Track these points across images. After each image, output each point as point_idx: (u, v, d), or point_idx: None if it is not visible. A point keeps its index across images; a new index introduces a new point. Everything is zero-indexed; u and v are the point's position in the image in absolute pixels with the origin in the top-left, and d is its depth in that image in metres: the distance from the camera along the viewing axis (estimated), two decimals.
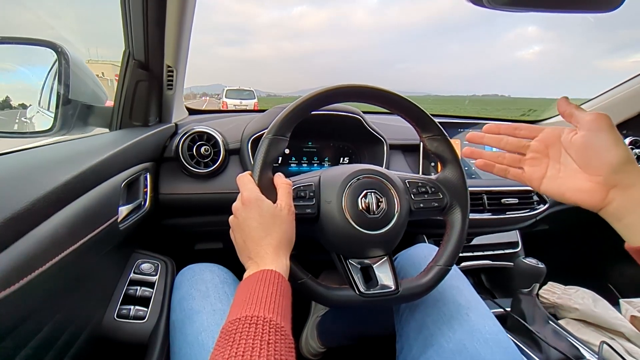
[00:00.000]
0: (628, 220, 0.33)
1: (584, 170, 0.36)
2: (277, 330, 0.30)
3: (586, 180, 0.35)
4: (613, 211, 0.34)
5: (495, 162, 0.44)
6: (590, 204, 0.35)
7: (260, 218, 0.40)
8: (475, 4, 0.35)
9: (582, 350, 0.68)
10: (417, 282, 0.47)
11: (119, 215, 0.51)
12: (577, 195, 0.36)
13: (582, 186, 0.35)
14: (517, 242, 0.99)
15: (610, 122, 0.34)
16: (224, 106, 9.42)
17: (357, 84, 0.48)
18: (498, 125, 0.44)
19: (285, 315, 0.33)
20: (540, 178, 0.40)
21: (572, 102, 0.37)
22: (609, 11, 0.33)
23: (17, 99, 0.76)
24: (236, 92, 10.59)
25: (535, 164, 0.41)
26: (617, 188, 0.33)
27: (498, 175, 0.44)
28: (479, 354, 0.43)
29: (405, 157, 0.87)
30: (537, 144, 0.40)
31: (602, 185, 0.34)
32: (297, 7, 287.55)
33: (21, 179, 0.36)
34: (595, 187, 0.34)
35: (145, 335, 0.56)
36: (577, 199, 0.36)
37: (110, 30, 0.88)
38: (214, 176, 0.73)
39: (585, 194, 0.35)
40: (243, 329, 0.30)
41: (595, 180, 0.34)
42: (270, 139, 0.45)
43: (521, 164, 0.42)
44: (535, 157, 0.41)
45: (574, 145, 0.36)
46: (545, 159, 0.40)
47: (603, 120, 0.34)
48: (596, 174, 0.34)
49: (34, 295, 0.33)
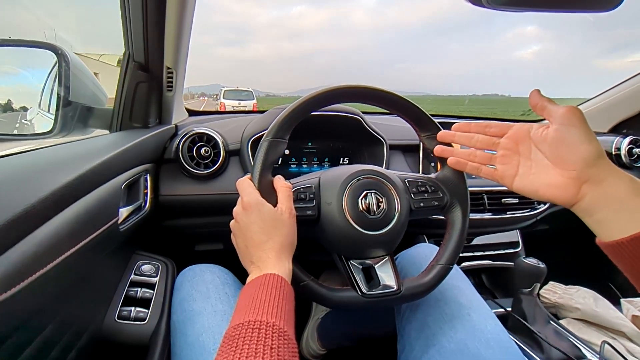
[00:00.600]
0: (599, 215, 0.33)
1: (556, 165, 0.35)
2: (281, 335, 0.30)
3: (558, 176, 0.35)
4: (585, 206, 0.34)
5: (467, 160, 0.44)
6: (563, 200, 0.35)
7: (261, 222, 0.40)
8: (474, 4, 0.35)
9: (584, 350, 0.67)
10: (419, 281, 0.47)
11: (119, 216, 0.51)
12: (550, 191, 0.36)
13: (555, 181, 0.35)
14: (518, 242, 0.99)
15: (582, 117, 0.34)
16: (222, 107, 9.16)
17: (355, 84, 0.48)
18: (468, 124, 0.44)
19: (288, 319, 0.33)
20: (512, 176, 0.40)
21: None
22: (607, 11, 0.33)
23: (18, 102, 0.76)
24: (234, 92, 10.29)
25: (506, 162, 0.40)
26: (589, 183, 0.33)
27: (471, 174, 0.44)
28: (480, 354, 0.43)
29: (405, 157, 0.87)
30: (507, 141, 0.40)
31: (574, 180, 0.34)
32: (296, 6, 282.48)
33: (22, 181, 0.36)
34: (567, 182, 0.34)
35: (146, 336, 0.56)
36: (550, 195, 0.36)
37: (109, 31, 0.88)
38: (214, 177, 0.73)
39: (557, 190, 0.35)
40: (246, 334, 0.30)
41: (567, 175, 0.34)
42: (269, 142, 0.44)
43: (493, 162, 0.42)
44: (506, 155, 0.40)
45: (546, 139, 0.36)
46: (515, 156, 0.40)
47: (576, 114, 0.34)
48: (569, 168, 0.34)
49: (34, 298, 0.33)
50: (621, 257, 0.32)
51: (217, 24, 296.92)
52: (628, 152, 1.02)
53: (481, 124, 0.43)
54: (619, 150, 1.03)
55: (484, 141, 0.42)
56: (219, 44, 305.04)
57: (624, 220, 0.31)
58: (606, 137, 1.09)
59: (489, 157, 0.42)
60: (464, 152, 0.44)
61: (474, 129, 0.43)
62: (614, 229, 0.32)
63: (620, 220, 0.31)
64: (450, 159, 0.46)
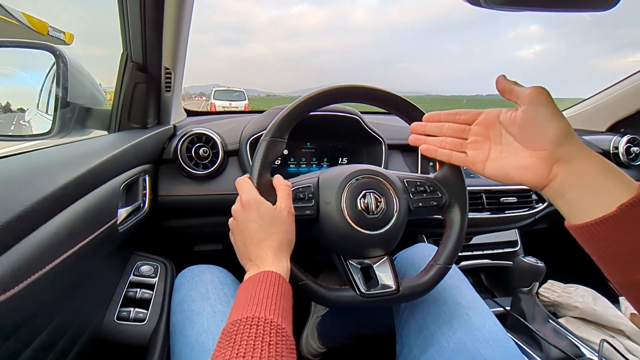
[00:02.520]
0: (570, 195, 0.33)
1: (526, 147, 0.35)
2: (278, 332, 0.31)
3: (529, 157, 0.35)
4: (557, 187, 0.34)
5: (438, 146, 0.44)
6: (535, 182, 0.35)
7: (260, 220, 0.40)
8: (472, 4, 0.35)
9: (583, 349, 0.68)
10: (417, 281, 0.47)
11: (118, 217, 0.51)
12: (521, 173, 0.36)
13: (526, 163, 0.35)
14: (517, 241, 0.99)
15: (549, 96, 0.34)
16: (212, 108, 8.86)
17: (353, 84, 0.48)
18: (438, 113, 0.45)
19: (286, 316, 0.33)
20: (483, 161, 0.40)
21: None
22: (604, 10, 0.33)
23: (16, 103, 0.76)
24: (225, 93, 9.86)
25: (477, 147, 0.41)
26: (560, 162, 0.33)
27: (442, 160, 0.45)
28: (479, 353, 0.43)
29: (404, 157, 0.88)
30: (477, 127, 0.41)
31: (545, 160, 0.34)
32: (296, 6, 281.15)
33: (20, 182, 0.36)
34: (538, 162, 0.34)
35: (146, 337, 0.55)
36: (522, 178, 0.36)
37: (107, 30, 0.88)
38: (213, 177, 0.73)
39: (529, 172, 0.35)
40: (244, 330, 0.30)
41: (538, 156, 0.34)
42: (268, 142, 0.45)
43: (464, 148, 0.42)
44: (476, 141, 0.41)
45: (515, 121, 0.36)
46: (486, 141, 0.40)
47: (542, 94, 0.34)
48: (539, 148, 0.34)
49: (33, 299, 0.33)
50: (589, 241, 0.31)
51: (216, 23, 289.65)
52: (626, 151, 1.03)
53: (450, 112, 0.43)
54: (616, 149, 1.03)
55: (454, 129, 0.43)
56: (218, 43, 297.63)
57: (593, 202, 0.31)
58: (604, 136, 1.09)
59: (460, 143, 0.43)
60: (435, 140, 0.45)
61: (443, 118, 0.44)
62: (583, 210, 0.31)
63: (589, 201, 0.31)
64: (422, 146, 0.46)
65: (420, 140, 0.46)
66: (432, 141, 0.45)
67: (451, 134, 0.43)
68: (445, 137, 0.44)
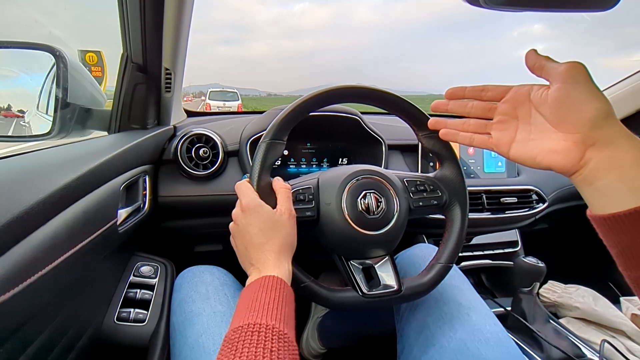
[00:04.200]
0: (600, 183, 0.29)
1: (558, 129, 0.32)
2: (280, 338, 0.30)
3: (560, 140, 0.31)
4: (587, 174, 0.30)
5: (460, 130, 0.41)
6: (565, 167, 0.31)
7: (260, 224, 0.40)
8: (471, 4, 0.35)
9: (583, 349, 0.68)
10: (419, 280, 0.47)
11: (118, 218, 0.51)
12: (551, 157, 0.32)
13: (556, 147, 0.32)
14: (517, 241, 0.99)
15: (586, 72, 0.30)
16: (207, 108, 9.74)
17: (352, 84, 0.48)
18: (462, 88, 0.39)
19: (288, 321, 0.33)
20: (508, 143, 0.36)
21: None
22: (604, 10, 0.33)
23: (17, 105, 0.76)
24: (220, 93, 10.84)
25: (503, 128, 0.36)
26: (596, 146, 0.29)
27: (463, 144, 0.41)
28: (480, 353, 0.43)
29: (404, 157, 0.88)
30: (504, 105, 0.36)
31: (579, 144, 0.30)
32: (299, 4, 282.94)
33: (20, 183, 0.36)
34: (570, 146, 0.31)
35: (146, 338, 0.55)
36: (551, 162, 0.32)
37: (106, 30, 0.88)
38: (213, 178, 0.73)
39: (559, 156, 0.31)
40: (246, 337, 0.30)
41: (571, 139, 0.31)
42: (267, 143, 0.44)
43: (488, 130, 0.38)
44: (503, 120, 0.37)
45: (547, 100, 0.32)
46: (514, 120, 0.36)
47: (579, 70, 0.30)
48: (573, 131, 0.30)
49: (33, 299, 0.33)
50: (613, 233, 0.29)
51: (217, 22, 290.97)
52: None
53: (476, 87, 0.38)
54: None
55: (479, 107, 0.38)
56: (218, 42, 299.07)
57: (626, 191, 0.28)
58: None
59: (484, 124, 0.38)
60: (457, 122, 0.41)
61: (468, 94, 0.39)
62: (613, 200, 0.28)
63: (622, 190, 0.28)
64: (441, 131, 0.42)
65: (440, 123, 0.42)
66: (453, 124, 0.41)
67: (475, 114, 0.39)
68: (469, 117, 0.40)
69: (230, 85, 27.39)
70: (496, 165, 0.93)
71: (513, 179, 0.92)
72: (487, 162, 0.92)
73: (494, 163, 0.92)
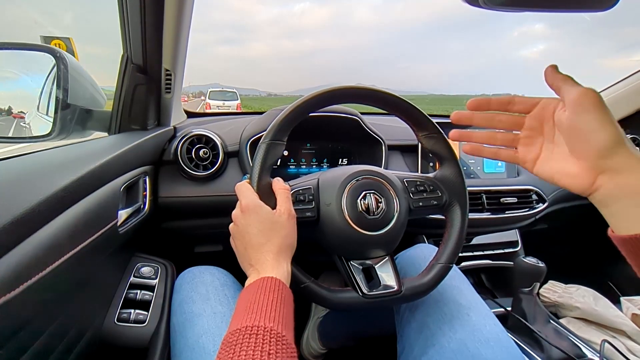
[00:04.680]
0: (614, 207, 0.30)
1: (572, 154, 0.32)
2: (279, 340, 0.30)
3: (574, 164, 0.32)
4: (600, 198, 0.31)
5: (486, 143, 0.39)
6: (579, 190, 0.32)
7: (259, 225, 0.40)
8: (471, 4, 0.35)
9: (584, 349, 0.68)
10: (419, 280, 0.47)
11: (118, 219, 0.51)
12: (565, 179, 0.33)
13: (571, 170, 0.32)
14: (517, 241, 0.99)
15: (597, 100, 0.30)
16: (207, 107, 10.13)
17: (352, 85, 0.48)
18: (488, 100, 0.37)
19: (286, 323, 0.33)
20: (534, 159, 0.36)
21: None
22: (604, 10, 0.33)
23: (18, 107, 0.76)
24: (219, 93, 11.31)
25: (529, 143, 0.36)
26: (605, 174, 0.30)
27: (488, 158, 0.40)
28: (480, 353, 0.43)
29: (404, 157, 0.88)
30: (531, 121, 0.36)
31: (589, 170, 0.31)
32: (299, 4, 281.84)
33: (21, 184, 0.36)
34: (582, 172, 0.31)
35: (146, 339, 0.55)
36: (566, 183, 0.33)
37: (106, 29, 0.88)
38: (213, 179, 0.73)
39: (573, 179, 0.32)
40: (244, 340, 0.30)
41: (582, 166, 0.31)
42: (267, 144, 0.45)
43: (515, 144, 0.37)
44: (529, 136, 0.36)
45: (562, 124, 0.32)
46: (540, 137, 0.35)
47: (589, 98, 0.30)
48: (582, 158, 0.31)
49: (34, 300, 0.33)
50: (636, 253, 0.29)
51: (217, 22, 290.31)
52: None
53: (502, 99, 0.37)
54: None
55: (508, 121, 0.37)
56: (218, 42, 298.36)
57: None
58: None
59: (512, 138, 0.37)
60: (484, 135, 0.39)
61: (494, 106, 0.37)
62: (629, 222, 0.29)
63: (638, 214, 0.28)
64: (465, 146, 0.40)
65: (465, 136, 0.39)
66: (480, 137, 0.39)
67: (503, 127, 0.37)
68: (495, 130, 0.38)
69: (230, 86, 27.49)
70: (496, 165, 0.93)
71: (513, 179, 0.92)
72: (487, 162, 0.92)
73: (493, 163, 0.92)
